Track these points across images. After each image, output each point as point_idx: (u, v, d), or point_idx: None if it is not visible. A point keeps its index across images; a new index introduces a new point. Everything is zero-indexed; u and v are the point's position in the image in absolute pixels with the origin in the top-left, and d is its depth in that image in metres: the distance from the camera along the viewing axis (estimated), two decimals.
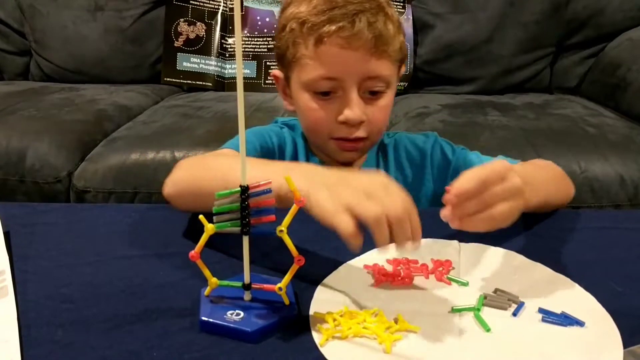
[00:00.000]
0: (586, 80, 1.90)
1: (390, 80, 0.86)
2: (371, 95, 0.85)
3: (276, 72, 0.94)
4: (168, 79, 2.00)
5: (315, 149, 0.95)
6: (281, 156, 0.93)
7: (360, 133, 0.86)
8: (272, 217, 0.54)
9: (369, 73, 0.83)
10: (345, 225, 0.54)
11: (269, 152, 0.91)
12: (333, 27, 0.80)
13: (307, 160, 0.95)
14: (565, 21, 1.92)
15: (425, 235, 0.72)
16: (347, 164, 0.93)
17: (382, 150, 0.98)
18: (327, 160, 0.93)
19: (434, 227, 0.74)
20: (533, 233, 0.76)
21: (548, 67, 1.97)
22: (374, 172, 0.59)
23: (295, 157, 0.94)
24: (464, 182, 0.57)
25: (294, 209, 0.53)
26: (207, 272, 0.57)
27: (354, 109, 0.83)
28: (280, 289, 0.56)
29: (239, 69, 0.52)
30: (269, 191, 0.53)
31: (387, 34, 0.82)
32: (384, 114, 0.88)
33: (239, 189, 0.53)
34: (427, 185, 0.96)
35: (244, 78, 1.94)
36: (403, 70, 0.92)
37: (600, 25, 1.90)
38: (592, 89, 1.83)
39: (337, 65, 0.82)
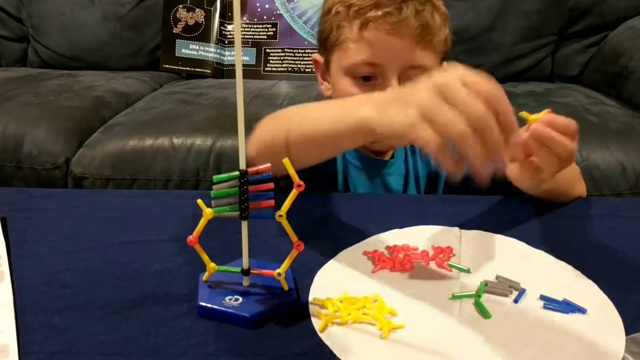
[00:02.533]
0: (588, 68, 1.89)
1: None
2: None
3: (316, 56, 0.93)
4: (167, 66, 1.99)
5: None
6: None
7: None
8: (271, 201, 0.53)
9: (412, 62, 0.81)
10: (427, 137, 0.48)
11: None
12: (379, 12, 0.79)
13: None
14: (567, 9, 1.90)
15: (426, 222, 0.72)
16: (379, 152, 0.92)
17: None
18: (361, 147, 0.92)
19: (437, 214, 0.74)
20: (534, 221, 0.75)
21: (550, 55, 1.96)
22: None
23: None
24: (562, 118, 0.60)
25: (293, 194, 0.53)
26: (205, 257, 0.56)
27: None
28: (279, 274, 0.55)
29: (238, 59, 0.51)
30: (268, 175, 0.53)
31: (434, 24, 0.81)
32: None
33: (237, 173, 0.52)
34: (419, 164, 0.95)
35: (243, 65, 1.93)
36: (444, 65, 0.90)
37: (602, 13, 1.88)
38: (594, 77, 1.82)
39: (380, 50, 0.81)
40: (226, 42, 1.95)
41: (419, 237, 0.69)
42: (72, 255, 0.66)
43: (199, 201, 0.53)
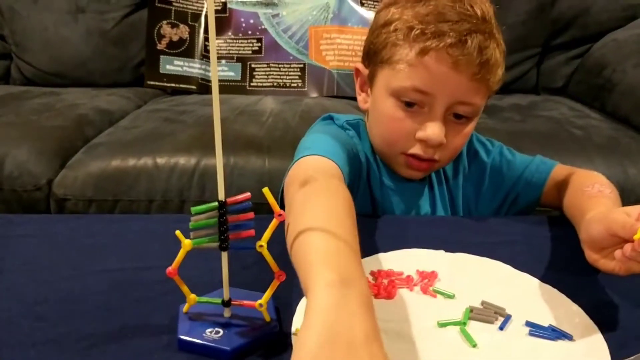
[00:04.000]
0: (572, 80, 1.90)
1: (478, 110, 0.82)
2: (456, 119, 0.80)
3: (360, 65, 0.89)
4: (151, 82, 1.97)
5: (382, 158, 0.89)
6: (360, 165, 0.86)
7: (435, 155, 0.81)
8: (251, 231, 0.52)
9: (464, 98, 0.78)
10: None
11: (354, 161, 0.82)
12: (442, 43, 0.74)
13: (375, 159, 0.89)
14: (550, 21, 1.91)
15: (411, 245, 0.72)
16: None
17: None
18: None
19: (422, 236, 0.74)
20: (519, 242, 0.75)
21: (534, 67, 1.97)
22: None
23: (367, 171, 0.88)
24: None
25: (273, 223, 0.52)
26: (185, 289, 0.55)
27: (437, 130, 0.78)
28: (260, 305, 0.54)
29: (213, 75, 0.50)
30: (247, 205, 0.52)
31: (495, 62, 0.77)
32: (463, 141, 0.84)
33: (216, 204, 0.51)
34: (460, 189, 0.94)
35: (228, 80, 1.92)
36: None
37: (585, 25, 1.89)
38: (579, 89, 1.83)
39: (435, 81, 0.77)
40: None
41: (403, 261, 0.68)
42: (51, 285, 0.64)
43: (178, 233, 0.52)
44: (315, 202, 0.60)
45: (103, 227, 0.80)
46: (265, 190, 0.51)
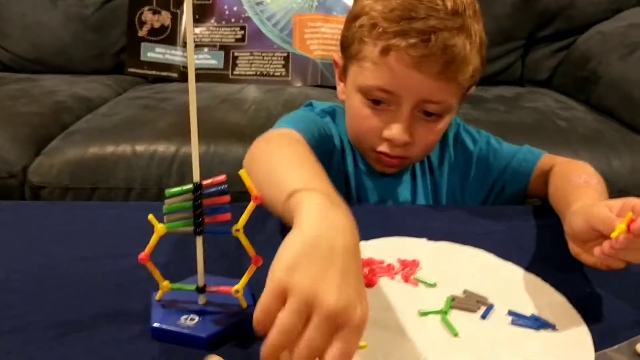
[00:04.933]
0: (557, 73, 1.89)
1: (451, 107, 0.80)
2: (426, 116, 0.79)
3: (337, 57, 0.87)
4: (132, 70, 1.94)
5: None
6: (333, 148, 0.86)
7: (403, 153, 0.81)
8: (228, 215, 0.50)
9: (430, 97, 0.76)
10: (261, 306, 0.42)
11: (324, 140, 0.83)
12: (404, 43, 0.73)
13: (354, 157, 0.89)
14: (536, 14, 1.91)
15: (393, 233, 0.70)
16: None
17: None
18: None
19: (404, 225, 0.72)
20: (503, 231, 0.74)
21: (519, 59, 1.96)
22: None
23: (342, 155, 0.88)
24: None
25: (250, 207, 0.50)
26: (157, 275, 0.53)
27: (401, 131, 0.77)
28: (237, 291, 0.52)
29: (190, 61, 0.48)
30: (224, 188, 0.50)
31: (462, 59, 0.75)
32: (435, 138, 0.83)
33: (191, 186, 0.49)
34: (445, 179, 0.92)
35: (210, 69, 1.89)
36: (472, 91, 0.85)
37: (571, 18, 1.89)
38: (563, 82, 1.82)
39: (398, 81, 0.75)
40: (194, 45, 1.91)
41: (384, 249, 0.66)
42: (21, 273, 0.62)
43: (150, 217, 0.50)
44: (282, 149, 0.64)
45: (77, 214, 0.78)
46: (242, 173, 0.49)
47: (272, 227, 0.72)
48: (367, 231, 0.69)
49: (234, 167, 1.22)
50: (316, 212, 0.46)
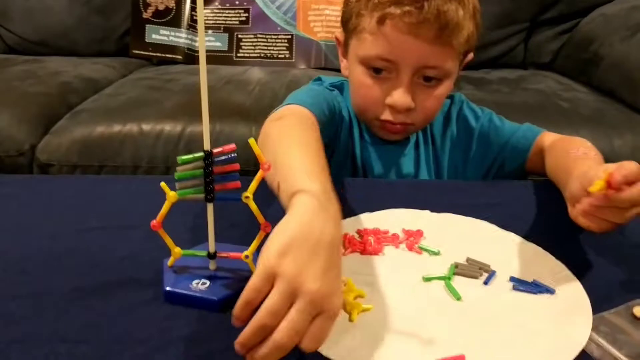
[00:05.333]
0: (560, 55, 1.90)
1: (449, 71, 0.82)
2: (426, 82, 0.82)
3: (338, 34, 0.91)
4: (136, 52, 1.94)
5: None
6: (341, 121, 0.90)
7: (406, 119, 0.83)
8: (237, 183, 0.52)
9: (428, 62, 0.79)
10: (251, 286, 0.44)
11: (332, 115, 0.85)
12: (399, 10, 0.76)
13: (360, 129, 0.91)
14: None
15: (397, 206, 0.72)
16: None
17: None
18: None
19: (408, 198, 0.74)
20: (504, 203, 0.75)
21: (522, 42, 1.96)
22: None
23: (349, 127, 0.91)
24: (629, 167, 0.54)
25: (260, 175, 0.51)
26: (169, 242, 0.54)
27: (403, 96, 0.80)
28: (246, 256, 0.54)
29: (201, 40, 0.49)
30: (233, 157, 0.51)
31: (456, 24, 0.77)
32: (436, 103, 0.85)
33: (202, 154, 0.50)
34: (447, 154, 0.95)
35: (215, 51, 1.90)
36: (471, 57, 0.88)
37: (574, 0, 1.89)
38: (566, 64, 1.83)
39: (395, 48, 0.78)
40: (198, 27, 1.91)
41: (389, 220, 0.68)
42: (34, 243, 0.64)
43: (163, 184, 0.51)
44: (291, 132, 0.66)
45: (87, 187, 0.79)
46: (251, 141, 0.50)
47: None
48: (373, 204, 0.71)
49: (240, 146, 1.24)
50: (310, 208, 0.48)
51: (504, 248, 0.63)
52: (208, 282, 0.54)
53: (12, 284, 0.56)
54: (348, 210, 0.70)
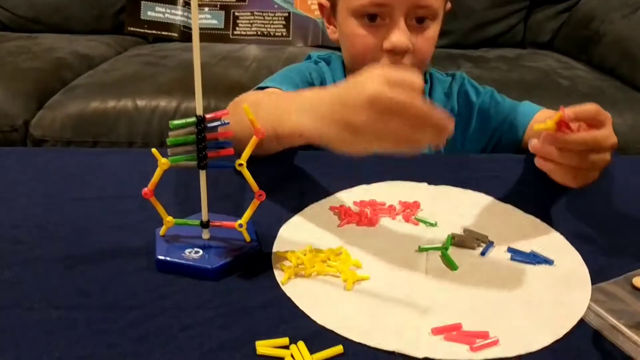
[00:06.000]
0: (559, 34, 1.88)
1: (437, 11, 0.85)
2: (418, 24, 0.84)
3: (322, 0, 0.93)
4: (132, 29, 1.92)
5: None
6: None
7: (405, 61, 0.84)
8: (231, 149, 0.51)
9: (418, 1, 0.81)
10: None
11: (311, 85, 0.89)
12: None
13: None
14: None
15: (394, 178, 0.71)
16: None
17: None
18: None
19: (405, 171, 0.73)
20: (501, 176, 0.74)
21: (522, 21, 1.95)
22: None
23: None
24: (586, 107, 0.57)
25: (253, 141, 0.50)
26: (161, 210, 0.53)
27: (401, 36, 0.82)
28: (240, 225, 0.53)
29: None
30: (227, 123, 0.50)
31: None
32: (430, 44, 0.87)
33: (194, 119, 0.49)
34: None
35: (211, 28, 1.88)
36: (449, 6, 0.91)
37: None
38: (565, 43, 1.81)
39: None
40: None
41: (386, 192, 0.67)
42: (28, 211, 0.63)
43: (154, 150, 0.50)
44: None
45: (81, 159, 0.78)
46: (245, 108, 0.49)
47: (277, 170, 0.73)
48: (369, 176, 0.71)
49: None
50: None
51: (502, 220, 0.63)
52: (201, 251, 0.53)
53: (5, 252, 0.55)
54: (344, 182, 0.69)
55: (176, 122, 0.49)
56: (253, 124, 0.50)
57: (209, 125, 0.50)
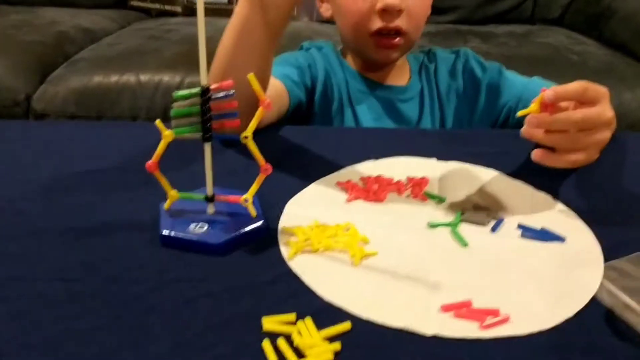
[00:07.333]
0: (569, 10, 1.85)
1: None
2: None
3: None
4: (135, 4, 1.90)
5: (351, 56, 0.95)
6: (314, 73, 0.91)
7: (400, 22, 0.84)
8: (237, 121, 0.50)
9: None
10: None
11: (300, 70, 0.88)
12: None
13: (342, 67, 0.93)
14: None
15: (402, 154, 0.70)
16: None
17: (426, 71, 0.96)
18: (362, 68, 0.93)
19: (414, 147, 0.72)
20: (512, 153, 0.73)
21: None
22: None
23: (327, 71, 0.92)
24: (569, 86, 0.56)
25: (259, 112, 0.49)
26: (165, 184, 0.52)
27: None
28: (246, 200, 0.52)
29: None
30: (232, 93, 0.49)
31: None
32: (423, 6, 0.88)
33: (199, 89, 0.48)
34: (452, 108, 0.94)
35: (215, 3, 1.85)
36: None
37: None
38: (575, 19, 1.78)
39: None
40: None
41: (394, 168, 0.66)
42: (30, 184, 0.62)
43: (158, 122, 0.49)
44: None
45: (84, 132, 0.78)
46: (251, 77, 0.48)
47: (283, 146, 0.72)
48: (377, 151, 0.69)
49: None
50: None
51: (512, 196, 0.61)
52: (206, 226, 0.52)
53: (9, 224, 0.54)
54: (351, 158, 0.68)
55: (180, 92, 0.48)
56: (259, 94, 0.48)
57: (213, 96, 0.49)
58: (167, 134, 0.49)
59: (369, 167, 0.66)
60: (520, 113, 0.57)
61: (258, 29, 0.66)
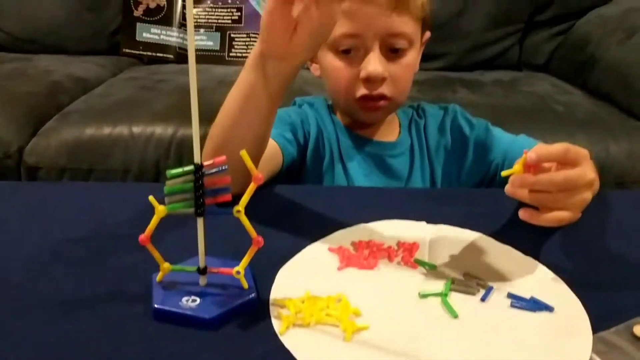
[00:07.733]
0: (555, 57, 1.89)
1: (412, 39, 0.86)
2: (393, 53, 0.85)
3: None
4: (127, 50, 1.92)
5: (340, 113, 0.96)
6: (306, 129, 0.92)
7: (383, 89, 0.86)
8: (229, 196, 0.50)
9: (390, 30, 0.83)
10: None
11: (293, 127, 0.90)
12: None
13: (333, 123, 0.95)
14: None
15: (392, 216, 0.70)
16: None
17: (415, 126, 0.97)
18: (351, 124, 0.94)
19: (403, 208, 0.73)
20: (501, 215, 0.74)
21: (517, 43, 1.96)
22: None
23: (319, 127, 0.93)
24: (551, 147, 0.58)
25: (251, 187, 0.50)
26: (158, 256, 0.53)
27: (376, 64, 0.83)
28: (238, 272, 0.52)
29: (190, 46, 0.48)
30: (224, 169, 0.50)
31: None
32: (407, 73, 0.88)
33: (192, 167, 0.49)
34: (441, 165, 0.96)
35: (207, 50, 1.88)
36: (428, 35, 0.93)
37: (569, 1, 1.88)
38: (561, 66, 1.82)
39: (357, 21, 0.82)
40: None
41: (384, 232, 0.67)
42: (19, 251, 0.62)
43: (151, 198, 0.50)
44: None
45: (75, 194, 0.78)
46: (243, 153, 0.49)
47: (273, 208, 0.72)
48: (366, 213, 0.70)
49: None
50: None
51: (501, 262, 0.62)
52: (198, 299, 0.52)
53: None
54: (342, 219, 0.69)
55: (173, 171, 0.49)
56: (251, 170, 0.49)
57: (206, 172, 0.49)
58: (160, 210, 0.50)
59: (360, 231, 0.67)
60: (504, 173, 0.59)
61: (263, 94, 0.69)
